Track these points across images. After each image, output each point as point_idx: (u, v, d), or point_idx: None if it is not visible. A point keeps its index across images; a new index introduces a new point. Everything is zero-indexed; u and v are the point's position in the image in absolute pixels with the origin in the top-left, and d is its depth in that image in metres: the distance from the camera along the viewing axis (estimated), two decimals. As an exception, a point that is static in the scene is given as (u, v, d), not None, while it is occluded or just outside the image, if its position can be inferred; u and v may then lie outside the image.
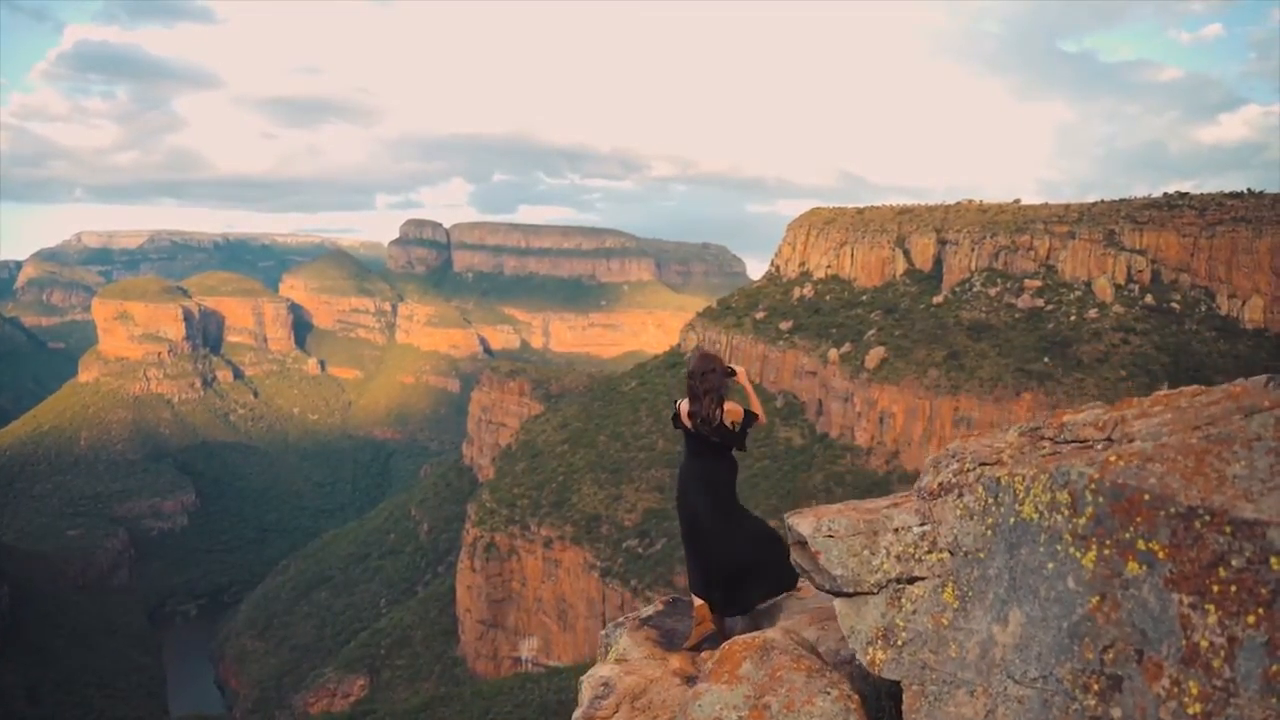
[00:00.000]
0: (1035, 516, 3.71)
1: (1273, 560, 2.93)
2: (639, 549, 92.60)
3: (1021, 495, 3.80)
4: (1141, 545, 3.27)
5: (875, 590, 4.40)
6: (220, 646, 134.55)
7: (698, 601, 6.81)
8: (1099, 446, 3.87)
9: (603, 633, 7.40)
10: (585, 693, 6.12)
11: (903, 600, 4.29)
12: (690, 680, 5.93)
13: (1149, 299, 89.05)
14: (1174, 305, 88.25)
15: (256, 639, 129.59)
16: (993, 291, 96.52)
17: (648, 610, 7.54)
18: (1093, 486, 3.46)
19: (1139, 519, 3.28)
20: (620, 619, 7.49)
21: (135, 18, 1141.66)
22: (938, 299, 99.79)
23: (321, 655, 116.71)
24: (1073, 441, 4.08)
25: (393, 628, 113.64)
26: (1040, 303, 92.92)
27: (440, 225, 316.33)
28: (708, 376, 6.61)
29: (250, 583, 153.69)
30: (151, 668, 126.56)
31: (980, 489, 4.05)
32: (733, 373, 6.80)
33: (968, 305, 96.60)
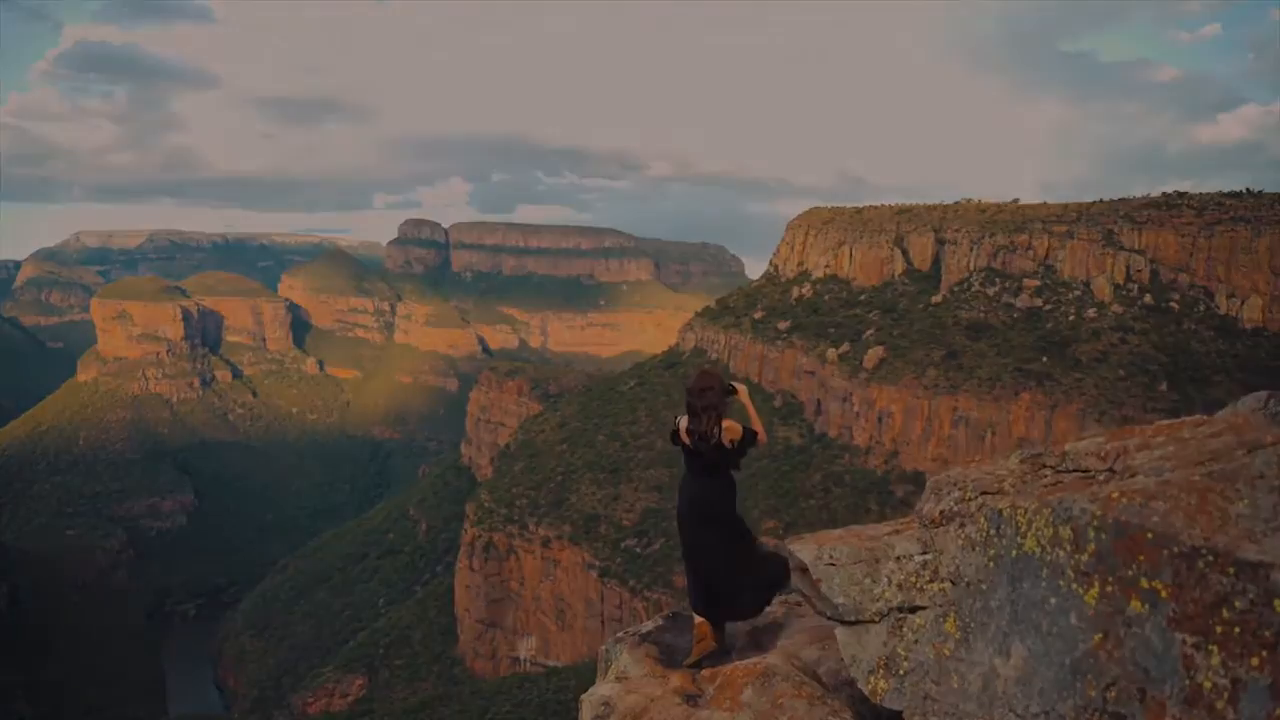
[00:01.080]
0: (1037, 550, 3.70)
1: (1277, 603, 2.92)
2: (637, 548, 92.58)
3: (1024, 528, 3.78)
4: (1144, 584, 3.25)
5: (877, 619, 4.38)
6: (219, 646, 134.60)
7: (698, 618, 6.79)
8: (1101, 477, 3.86)
9: (603, 647, 7.39)
10: (586, 712, 6.11)
11: (904, 629, 4.27)
12: (690, 699, 5.91)
13: (1148, 298, 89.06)
14: (1173, 305, 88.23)
15: (255, 638, 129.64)
16: (991, 291, 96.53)
17: (647, 626, 7.52)
18: (1095, 523, 3.45)
19: (1142, 557, 3.27)
20: (620, 634, 7.47)
21: (134, 17, 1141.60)
22: (936, 298, 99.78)
23: (320, 655, 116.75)
24: (1074, 471, 4.07)
25: (391, 627, 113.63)
26: (1039, 302, 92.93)
27: (439, 225, 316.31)
28: (707, 394, 6.55)
29: (249, 582, 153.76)
30: (151, 668, 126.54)
31: (982, 519, 4.04)
32: (733, 390, 6.74)
33: (966, 305, 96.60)
